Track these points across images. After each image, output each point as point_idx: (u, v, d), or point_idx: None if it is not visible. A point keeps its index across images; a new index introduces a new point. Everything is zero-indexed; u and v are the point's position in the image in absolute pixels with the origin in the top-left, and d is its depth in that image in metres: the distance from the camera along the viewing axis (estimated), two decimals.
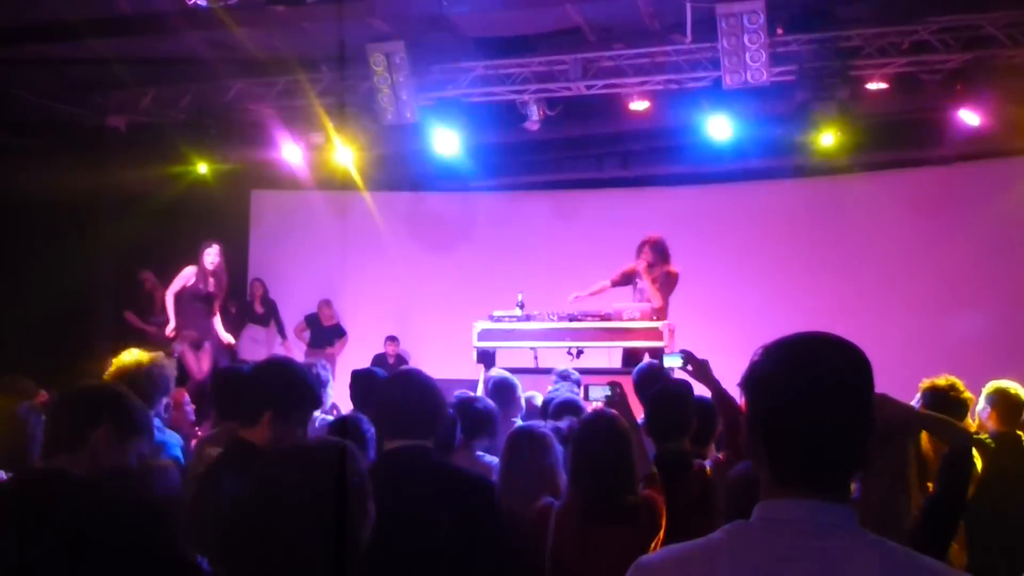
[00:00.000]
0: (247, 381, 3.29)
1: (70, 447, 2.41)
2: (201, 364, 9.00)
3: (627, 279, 8.61)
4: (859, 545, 1.47)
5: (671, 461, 3.66)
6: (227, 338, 9.63)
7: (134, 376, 3.73)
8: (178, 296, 9.12)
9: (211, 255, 9.12)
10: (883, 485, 3.19)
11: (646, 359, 8.30)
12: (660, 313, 8.21)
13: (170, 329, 8.99)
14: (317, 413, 4.85)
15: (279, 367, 3.28)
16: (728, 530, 1.55)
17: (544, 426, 3.90)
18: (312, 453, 2.29)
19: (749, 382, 1.60)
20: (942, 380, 4.25)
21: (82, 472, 2.34)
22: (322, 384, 5.20)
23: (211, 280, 9.16)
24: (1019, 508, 4.66)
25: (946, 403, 4.10)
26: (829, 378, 1.52)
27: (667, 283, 8.35)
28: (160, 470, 2.42)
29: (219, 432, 4.10)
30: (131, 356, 3.89)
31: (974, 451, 4.16)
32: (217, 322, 9.38)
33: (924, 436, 3.60)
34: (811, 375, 1.53)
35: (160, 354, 4.06)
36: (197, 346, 9.07)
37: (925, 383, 4.28)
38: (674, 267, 8.44)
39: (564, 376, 5.91)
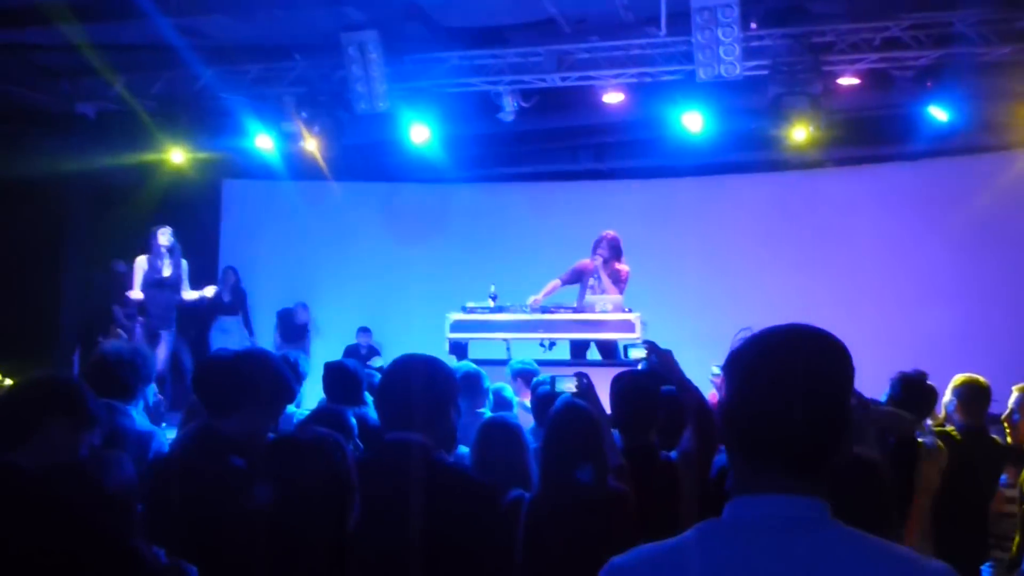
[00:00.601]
0: (227, 371, 3.23)
1: (22, 439, 2.38)
2: (159, 353, 8.88)
3: (577, 276, 8.63)
4: (834, 539, 1.47)
5: (638, 455, 3.67)
6: (208, 291, 9.43)
7: (115, 366, 3.68)
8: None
9: (165, 236, 8.99)
10: None
11: (591, 347, 8.38)
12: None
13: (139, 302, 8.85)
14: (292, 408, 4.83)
15: (260, 358, 3.23)
16: (701, 529, 1.54)
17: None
18: (312, 446, 2.27)
19: (728, 369, 1.59)
20: (913, 372, 4.33)
21: (33, 464, 2.30)
22: (300, 378, 5.17)
23: (167, 263, 9.02)
24: (985, 498, 4.73)
25: (916, 393, 4.17)
26: (805, 368, 1.51)
27: (619, 280, 8.41)
28: (113, 462, 2.37)
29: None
30: (112, 346, 3.84)
31: (939, 442, 4.24)
32: (190, 295, 9.18)
33: None
34: (787, 364, 1.52)
35: (141, 343, 4.01)
36: (155, 335, 8.94)
37: (898, 375, 4.36)
38: (625, 265, 8.50)
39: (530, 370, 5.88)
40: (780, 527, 1.47)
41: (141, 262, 8.99)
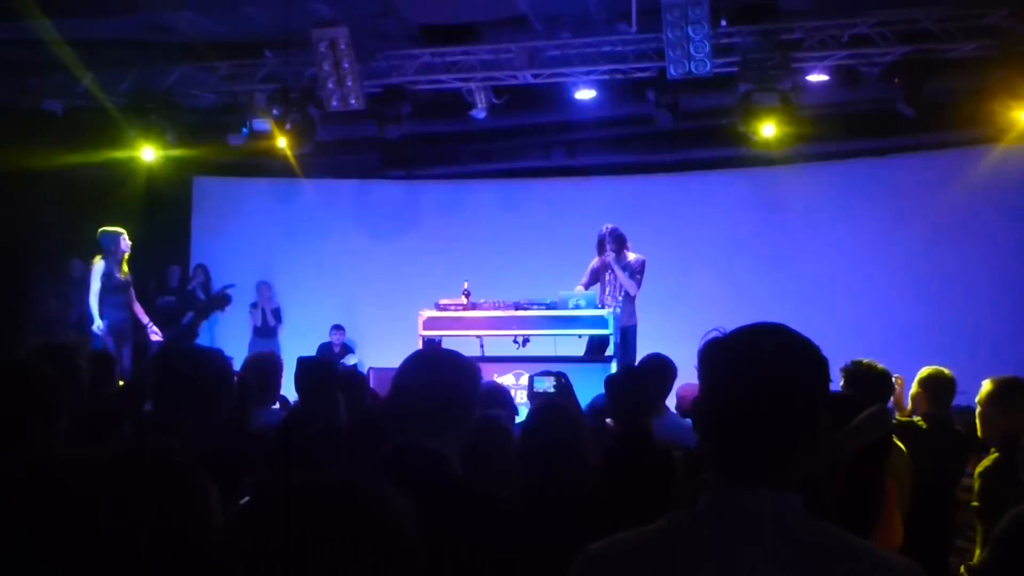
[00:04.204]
0: (181, 367, 3.17)
1: None
2: (122, 356, 8.70)
3: (595, 276, 8.54)
4: (801, 532, 1.51)
5: (638, 440, 3.65)
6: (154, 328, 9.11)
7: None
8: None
9: (126, 242, 8.82)
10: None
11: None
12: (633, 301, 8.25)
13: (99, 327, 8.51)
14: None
15: (211, 356, 3.18)
16: (673, 520, 1.57)
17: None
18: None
19: (702, 368, 1.61)
20: (862, 361, 4.37)
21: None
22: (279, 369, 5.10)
23: (124, 267, 8.84)
24: (950, 488, 4.81)
25: (868, 381, 4.21)
26: (773, 368, 1.54)
27: (633, 272, 8.34)
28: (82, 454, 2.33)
29: None
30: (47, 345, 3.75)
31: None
32: (140, 312, 8.99)
33: None
34: (757, 365, 1.54)
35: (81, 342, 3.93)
36: (119, 337, 8.75)
37: (845, 367, 4.40)
38: (635, 253, 8.45)
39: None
40: (752, 520, 1.50)
41: (99, 267, 8.71)
